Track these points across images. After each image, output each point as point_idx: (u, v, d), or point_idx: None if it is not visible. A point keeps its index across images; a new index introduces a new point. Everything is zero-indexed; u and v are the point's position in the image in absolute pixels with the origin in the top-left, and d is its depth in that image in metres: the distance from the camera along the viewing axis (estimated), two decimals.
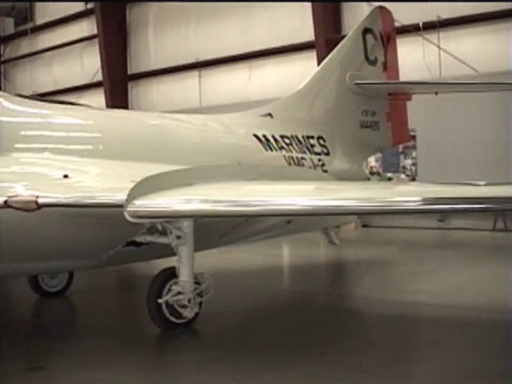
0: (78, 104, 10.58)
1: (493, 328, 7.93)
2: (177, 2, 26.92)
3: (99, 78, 29.91)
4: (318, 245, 15.49)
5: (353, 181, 12.44)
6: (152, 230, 8.17)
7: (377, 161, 20.47)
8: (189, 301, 8.10)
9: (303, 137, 12.16)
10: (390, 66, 14.55)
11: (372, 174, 20.47)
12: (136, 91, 29.73)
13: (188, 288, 8.07)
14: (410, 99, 14.84)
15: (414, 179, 19.88)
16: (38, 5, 34.26)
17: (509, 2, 18.56)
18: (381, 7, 14.85)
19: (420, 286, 10.54)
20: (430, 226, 18.96)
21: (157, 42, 28.61)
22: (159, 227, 8.09)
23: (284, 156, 11.35)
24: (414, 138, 19.64)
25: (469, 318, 8.44)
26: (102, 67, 29.21)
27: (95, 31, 29.81)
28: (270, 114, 12.07)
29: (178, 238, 7.97)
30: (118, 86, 29.09)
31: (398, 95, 14.48)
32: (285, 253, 15.38)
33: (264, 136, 11.30)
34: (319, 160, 12.10)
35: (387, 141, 14.51)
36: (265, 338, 7.79)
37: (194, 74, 26.90)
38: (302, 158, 11.70)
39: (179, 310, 8.15)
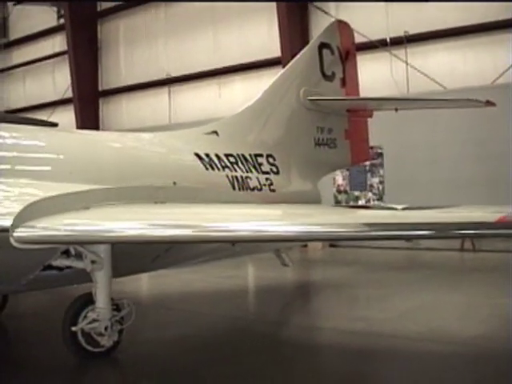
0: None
1: (420, 360, 7.45)
2: (146, 18, 26.62)
3: (70, 94, 29.43)
4: (276, 266, 14.98)
5: (303, 201, 12.15)
6: (67, 253, 7.72)
7: (344, 179, 20.03)
8: (106, 328, 7.69)
9: (250, 155, 11.62)
10: (348, 81, 14.08)
11: (339, 192, 20.03)
12: (107, 108, 29.31)
13: (105, 315, 7.67)
14: (370, 116, 14.37)
15: (381, 198, 19.43)
16: (12, 20, 33.84)
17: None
18: (340, 21, 14.46)
19: (364, 312, 10.07)
20: (399, 245, 18.49)
21: (127, 57, 28.26)
22: (72, 251, 7.63)
23: (227, 175, 10.81)
24: (381, 155, 19.23)
25: (396, 348, 7.95)
26: (72, 83, 28.73)
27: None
28: (215, 132, 11.55)
29: (93, 262, 7.56)
30: (88, 103, 28.64)
31: (356, 112, 14.01)
32: (239, 274, 14.83)
33: (207, 155, 10.77)
34: (267, 179, 11.57)
35: (345, 159, 14.01)
36: (185, 370, 7.29)
37: (164, 90, 26.54)
38: (247, 178, 11.17)
39: (96, 339, 7.72)
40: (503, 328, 8.76)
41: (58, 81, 30.96)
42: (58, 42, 30.93)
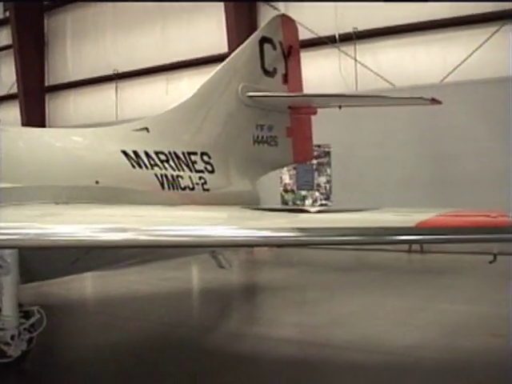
0: None
1: (344, 372, 7.01)
2: (94, 12, 25.94)
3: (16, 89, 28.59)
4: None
5: (240, 201, 11.67)
6: None
7: (291, 178, 19.58)
8: (12, 337, 7.14)
9: (183, 153, 11.08)
10: (291, 78, 13.62)
11: (286, 191, 19.58)
12: (54, 104, 28.50)
13: (11, 323, 7.13)
14: (314, 113, 13.93)
15: (328, 198, 19.02)
16: None
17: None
18: (283, 15, 13.99)
19: (297, 317, 9.63)
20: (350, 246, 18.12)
21: (75, 53, 27.48)
22: None
23: (156, 174, 10.26)
24: (328, 154, 18.83)
25: (322, 359, 7.49)
26: (17, 78, 27.87)
27: None
28: (146, 128, 10.99)
29: None
30: (34, 99, 27.76)
31: (299, 109, 13.55)
32: (180, 276, 14.24)
33: (134, 152, 10.20)
34: (200, 178, 11.05)
35: (287, 157, 13.54)
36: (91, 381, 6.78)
37: (111, 86, 25.84)
38: (179, 176, 10.63)
39: (2, 348, 7.15)
40: (440, 336, 8.33)
41: (4, 75, 30.02)
42: (4, 36, 29.99)
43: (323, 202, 19.07)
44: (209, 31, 22.61)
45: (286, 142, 13.36)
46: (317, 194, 19.24)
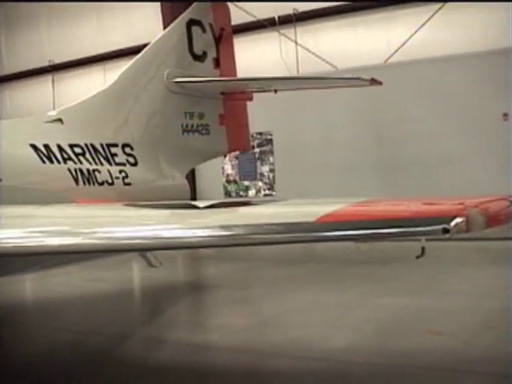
0: None
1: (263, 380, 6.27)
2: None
3: None
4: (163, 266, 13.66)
5: (166, 195, 10.92)
6: None
7: (233, 168, 18.80)
8: None
9: (102, 145, 10.22)
10: (223, 62, 12.82)
11: (228, 182, 18.82)
12: None
13: None
14: (250, 99, 13.16)
15: (272, 187, 18.28)
16: None
17: None
18: None
19: (224, 319, 8.82)
20: None
21: (9, 44, 26.31)
22: None
23: (69, 169, 9.41)
24: (270, 142, 18.11)
25: (241, 368, 6.74)
26: None
27: None
28: (59, 120, 10.12)
29: None
30: None
31: (233, 95, 12.76)
32: (109, 277, 13.31)
33: (45, 145, 9.33)
34: (121, 172, 10.20)
35: (221, 146, 12.76)
36: None
37: (48, 78, 24.81)
38: (96, 170, 9.78)
39: None
40: (374, 336, 7.63)
41: None
42: None
43: (267, 192, 18.34)
44: (145, 19, 21.75)
45: (219, 131, 12.57)
46: (260, 183, 18.49)
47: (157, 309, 10.27)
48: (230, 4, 18.38)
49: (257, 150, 18.27)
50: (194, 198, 19.07)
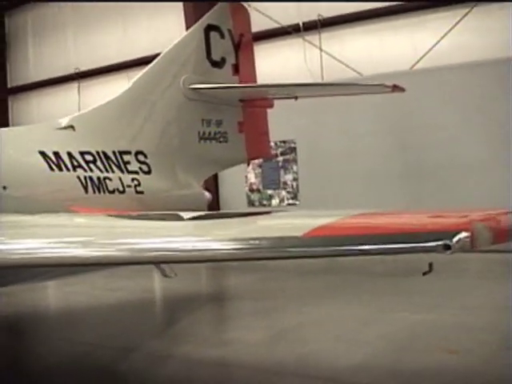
0: None
1: None
2: (54, 9, 24.92)
3: None
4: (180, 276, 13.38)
5: (181, 204, 10.69)
6: None
7: (256, 177, 18.50)
8: None
9: (114, 152, 10.01)
10: (243, 68, 12.55)
11: (252, 191, 18.53)
12: (17, 106, 27.40)
13: None
14: (270, 106, 12.88)
15: (295, 196, 17.96)
16: None
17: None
18: (233, 2, 12.92)
19: (236, 333, 8.57)
20: None
21: (36, 53, 26.38)
22: None
23: (79, 176, 9.22)
24: (294, 150, 17.80)
25: None
26: None
27: None
28: (71, 127, 9.93)
29: None
30: None
31: (252, 102, 12.49)
32: (128, 286, 13.01)
33: (55, 153, 9.15)
34: (133, 180, 9.98)
35: (239, 154, 12.47)
36: None
37: (74, 85, 24.78)
38: (107, 178, 9.57)
39: None
40: (387, 353, 7.25)
41: None
42: None
43: (290, 201, 18.01)
44: (169, 27, 21.64)
45: (237, 138, 12.29)
46: (283, 193, 18.17)
47: (169, 320, 10.01)
48: (254, 10, 18.33)
49: (280, 158, 17.97)
50: (217, 207, 18.87)
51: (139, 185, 10.04)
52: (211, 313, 10.43)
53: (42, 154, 9.03)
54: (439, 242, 3.39)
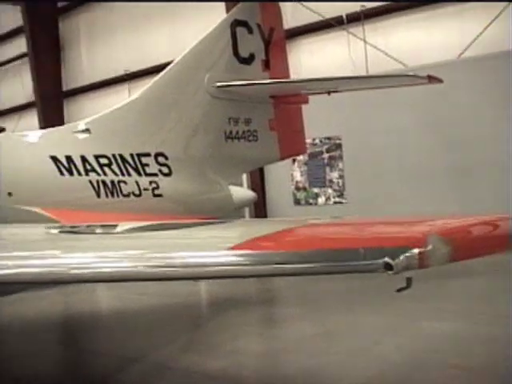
0: None
1: None
2: (105, 11, 25.04)
3: None
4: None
5: (205, 207, 10.42)
6: None
7: (302, 175, 18.06)
8: None
9: (132, 155, 9.77)
10: (274, 64, 12.15)
11: (298, 189, 18.11)
12: (71, 109, 27.70)
13: None
14: (304, 102, 12.43)
15: (341, 194, 17.44)
16: None
17: None
18: None
19: (247, 343, 8.14)
20: None
21: (89, 55, 26.64)
22: None
23: (91, 181, 9.02)
24: (339, 147, 17.31)
25: None
26: (34, 85, 27.09)
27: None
28: (87, 130, 9.74)
29: None
30: (51, 105, 26.89)
31: (284, 98, 12.07)
32: (155, 290, 12.49)
33: (67, 157, 8.98)
34: (151, 183, 9.72)
35: (271, 153, 12.09)
36: None
37: (124, 87, 24.81)
38: (122, 182, 9.35)
39: None
40: (400, 370, 6.63)
41: (26, 83, 29.27)
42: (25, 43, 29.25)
43: (336, 199, 17.50)
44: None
45: (268, 137, 11.92)
46: (329, 190, 17.67)
47: (183, 328, 9.61)
48: (296, 4, 17.93)
49: (326, 155, 17.50)
50: (263, 207, 18.52)
51: (157, 188, 9.79)
52: (228, 320, 9.71)
53: (53, 158, 8.87)
54: (378, 261, 2.98)
